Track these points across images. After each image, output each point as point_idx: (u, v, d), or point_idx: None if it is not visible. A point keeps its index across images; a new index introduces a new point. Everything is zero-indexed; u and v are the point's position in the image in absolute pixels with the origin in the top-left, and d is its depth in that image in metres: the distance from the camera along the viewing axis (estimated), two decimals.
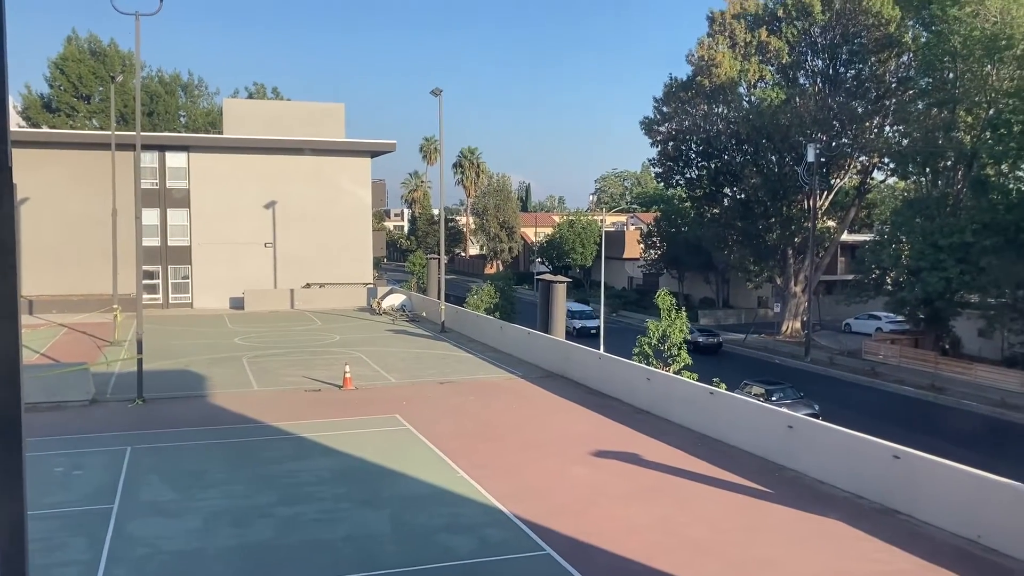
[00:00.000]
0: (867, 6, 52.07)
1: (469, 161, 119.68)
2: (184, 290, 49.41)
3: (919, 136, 47.52)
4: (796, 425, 18.05)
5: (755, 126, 55.32)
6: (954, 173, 47.14)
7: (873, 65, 54.35)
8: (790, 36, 55.74)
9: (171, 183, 48.79)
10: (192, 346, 34.61)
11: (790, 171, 56.09)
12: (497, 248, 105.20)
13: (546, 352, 30.25)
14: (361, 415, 22.64)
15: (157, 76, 72.27)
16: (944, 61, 45.21)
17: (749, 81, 57.44)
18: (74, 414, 22.57)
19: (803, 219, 56.73)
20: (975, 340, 48.24)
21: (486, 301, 49.42)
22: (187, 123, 72.25)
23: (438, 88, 39.71)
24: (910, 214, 47.33)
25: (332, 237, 50.96)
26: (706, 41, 59.58)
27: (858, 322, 59.18)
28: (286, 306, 48.54)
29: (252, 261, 49.61)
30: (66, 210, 45.95)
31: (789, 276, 59.39)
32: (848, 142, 56.32)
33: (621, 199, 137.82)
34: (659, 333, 31.02)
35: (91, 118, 67.69)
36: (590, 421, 22.36)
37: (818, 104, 55.32)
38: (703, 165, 63.76)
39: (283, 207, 49.92)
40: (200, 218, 49.11)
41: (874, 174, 60.15)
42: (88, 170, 45.80)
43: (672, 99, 61.98)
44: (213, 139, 52.22)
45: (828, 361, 48.90)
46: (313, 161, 50.90)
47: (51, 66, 67.85)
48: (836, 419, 19.99)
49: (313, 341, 36.56)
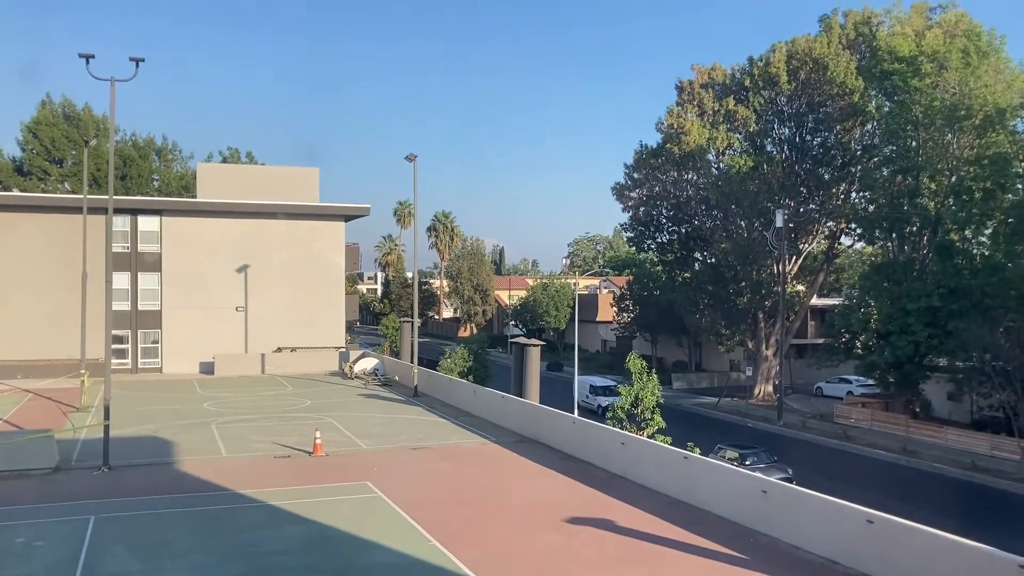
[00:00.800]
0: (831, 76, 53.57)
1: (443, 225, 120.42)
2: (154, 355, 48.79)
3: (884, 202, 48.58)
4: (770, 490, 18.00)
5: (724, 192, 56.27)
6: (920, 238, 48.07)
7: (838, 133, 55.71)
8: (757, 105, 57.09)
9: (143, 247, 48.51)
10: (160, 411, 34.05)
11: (759, 236, 56.93)
12: (471, 311, 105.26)
13: (520, 416, 30.07)
14: (332, 482, 22.30)
15: (131, 140, 72.40)
16: (907, 130, 46.49)
17: (718, 148, 58.57)
18: (37, 482, 22.03)
19: (773, 283, 57.41)
20: (945, 403, 48.70)
21: (459, 365, 49.20)
22: (160, 187, 72.19)
23: (413, 154, 40.09)
24: (878, 278, 48.10)
25: (305, 301, 50.74)
26: (675, 109, 60.86)
27: (829, 386, 59.57)
28: (257, 371, 48.02)
29: (223, 325, 49.17)
30: (35, 274, 45.48)
31: (760, 340, 59.82)
32: (815, 208, 57.42)
33: (594, 262, 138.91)
34: (631, 397, 30.98)
35: (63, 181, 67.50)
36: (564, 487, 22.17)
37: (785, 171, 56.49)
38: (674, 230, 64.64)
39: (256, 271, 49.72)
40: (171, 282, 48.75)
41: (842, 239, 61.25)
42: (59, 234, 45.50)
43: (642, 165, 63.05)
44: (186, 203, 52.13)
45: (801, 425, 49.03)
46: (287, 225, 50.92)
47: (24, 130, 67.84)
48: (810, 483, 19.98)
49: (283, 406, 36.11)
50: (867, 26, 55.50)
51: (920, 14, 52.68)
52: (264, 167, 65.27)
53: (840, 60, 53.61)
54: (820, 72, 54.13)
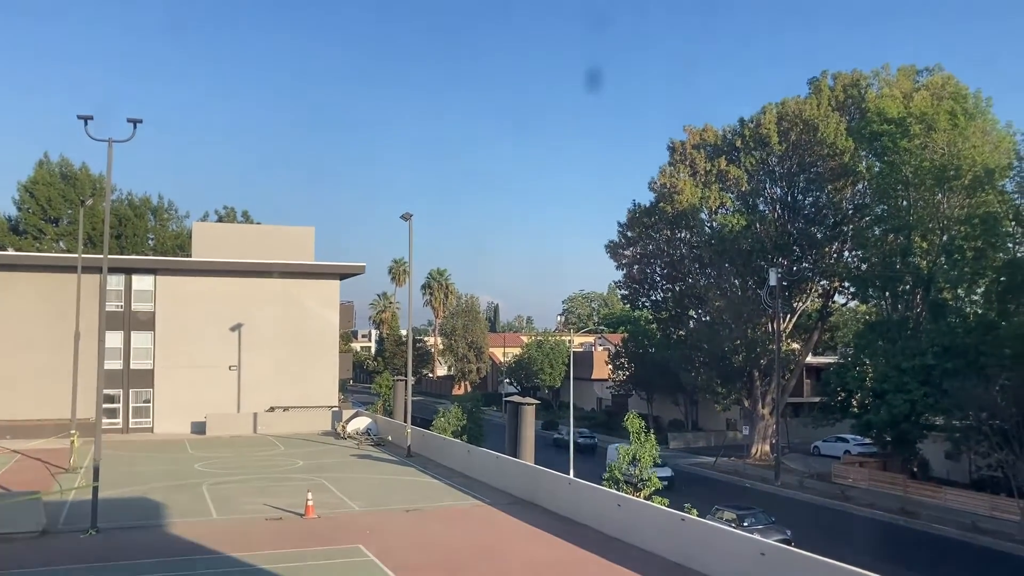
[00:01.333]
0: (821, 137, 54.33)
1: (438, 282, 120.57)
2: (145, 414, 48.38)
3: (877, 261, 48.89)
4: (769, 552, 17.74)
5: (717, 250, 56.60)
6: (913, 297, 48.25)
7: (830, 192, 56.29)
8: (749, 165, 57.75)
9: (137, 306, 48.44)
10: (151, 472, 33.61)
11: (753, 294, 57.13)
12: (465, 369, 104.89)
13: (515, 477, 29.73)
14: (323, 545, 21.92)
15: (127, 199, 72.75)
16: (897, 189, 47.01)
17: (710, 207, 59.06)
18: (23, 546, 21.60)
19: (768, 342, 57.41)
20: (943, 462, 48.36)
21: (453, 424, 48.83)
22: (155, 246, 72.37)
23: (408, 213, 40.34)
24: (872, 337, 48.14)
25: (298, 359, 50.53)
26: (668, 169, 61.53)
27: (826, 444, 59.18)
28: (249, 430, 47.57)
29: (216, 384, 48.86)
30: (27, 333, 45.27)
31: (756, 398, 59.61)
32: (809, 266, 57.76)
33: (588, 320, 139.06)
34: (629, 457, 30.73)
35: (58, 240, 67.68)
36: (560, 549, 21.82)
37: (778, 230, 56.91)
38: (668, 288, 64.86)
39: (249, 329, 49.60)
40: (165, 341, 48.57)
41: (835, 297, 61.46)
42: (52, 293, 45.36)
43: (636, 224, 63.50)
44: (181, 262, 52.24)
45: (798, 485, 48.57)
46: (281, 284, 50.96)
47: (20, 189, 68.24)
48: (808, 545, 19.72)
49: (275, 467, 35.70)
50: (856, 88, 56.48)
51: (907, 77, 53.70)
52: (259, 226, 65.55)
53: (830, 121, 54.42)
54: (810, 133, 54.90)
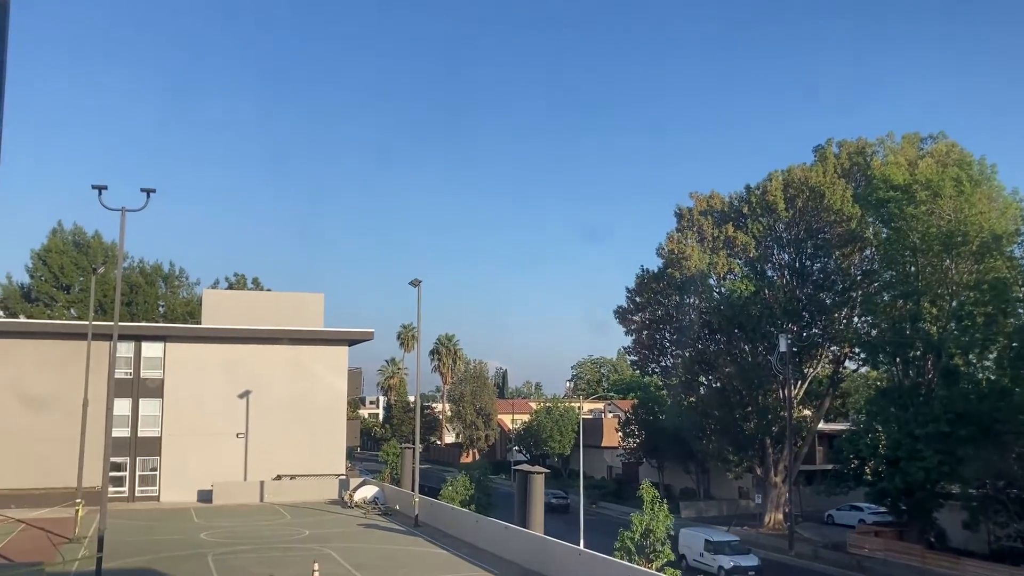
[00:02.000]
0: (828, 204, 54.60)
1: (446, 348, 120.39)
2: (151, 482, 48.03)
3: (887, 327, 48.64)
4: None
5: (727, 316, 56.46)
6: (924, 363, 47.86)
7: (838, 258, 56.35)
8: (756, 231, 57.96)
9: (146, 373, 48.49)
10: (156, 542, 33.23)
11: (763, 360, 56.81)
12: (473, 436, 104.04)
13: (524, 548, 29.29)
14: None
15: (139, 267, 73.33)
16: (905, 255, 47.01)
17: (718, 273, 59.09)
18: None
19: (779, 408, 56.88)
20: (961, 532, 47.37)
21: (461, 493, 48.24)
22: (166, 313, 72.67)
23: (417, 279, 40.56)
24: (884, 403, 47.64)
25: (306, 426, 50.31)
26: (675, 235, 61.77)
27: (840, 513, 58.15)
28: (255, 499, 47.11)
29: (223, 452, 48.60)
30: (35, 399, 45.20)
31: (769, 466, 58.82)
32: (818, 332, 57.52)
33: (598, 386, 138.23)
34: (642, 528, 30.24)
35: (69, 308, 68.04)
36: None
37: (787, 296, 56.85)
38: (677, 353, 64.48)
39: (258, 396, 49.50)
40: (173, 408, 48.48)
41: (846, 363, 61.02)
42: (61, 359, 45.47)
43: (644, 289, 63.53)
44: (190, 329, 52.43)
45: (813, 555, 47.62)
46: (290, 350, 51.01)
47: (34, 257, 68.89)
48: None
49: (282, 536, 35.25)
50: (861, 155, 56.96)
51: (912, 144, 54.18)
52: (269, 293, 65.94)
53: (836, 188, 54.74)
54: (817, 200, 55.19)
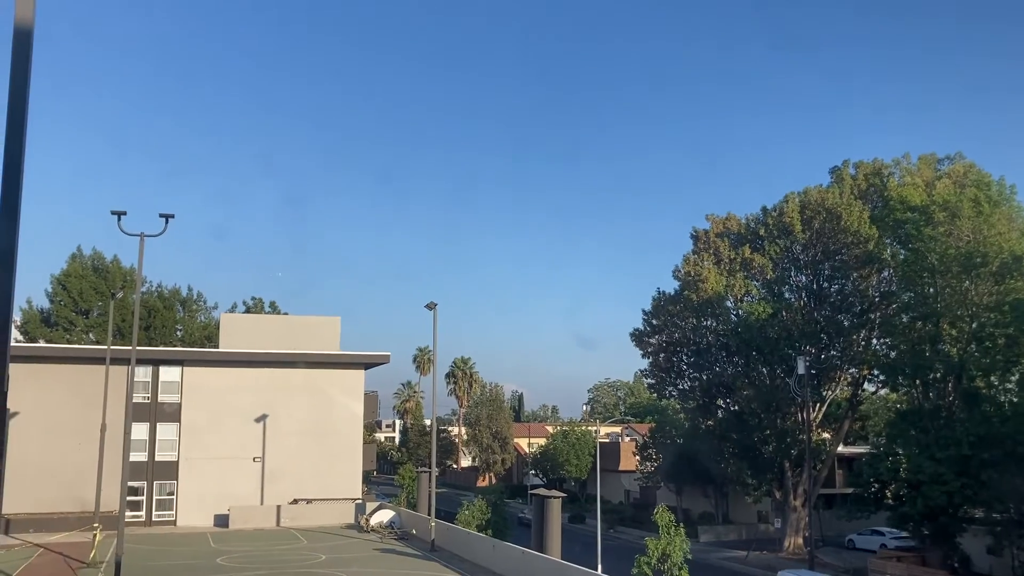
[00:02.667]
0: (845, 225, 54.37)
1: (462, 371, 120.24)
2: (168, 507, 48.07)
3: (906, 349, 48.22)
4: None
5: (744, 339, 56.17)
6: (944, 385, 47.38)
7: (856, 280, 56.04)
8: (773, 253, 57.78)
9: (163, 397, 48.67)
10: (173, 567, 33.19)
11: (782, 383, 56.42)
12: (490, 460, 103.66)
13: (541, 573, 29.05)
14: None
15: (156, 291, 73.85)
16: (923, 277, 46.64)
17: (736, 295, 58.90)
18: None
19: (798, 431, 56.40)
20: (985, 557, 46.67)
21: (478, 517, 48.00)
22: (183, 336, 73.04)
23: (433, 302, 40.56)
24: (904, 426, 47.15)
25: (322, 450, 50.29)
26: (692, 257, 61.68)
27: (861, 538, 57.43)
28: (272, 523, 47.04)
29: (240, 476, 48.63)
30: (53, 424, 45.44)
31: (788, 490, 58.26)
32: (837, 354, 57.11)
33: (615, 409, 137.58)
34: (658, 552, 29.99)
35: (88, 332, 68.49)
36: None
37: (805, 318, 56.53)
38: (695, 376, 64.13)
39: (274, 420, 49.59)
40: (190, 432, 48.60)
41: (865, 386, 60.51)
42: (80, 384, 45.70)
43: (661, 312, 63.33)
44: (208, 353, 52.67)
45: None
46: (307, 374, 51.12)
47: (54, 282, 69.45)
48: None
49: (298, 561, 35.14)
50: (877, 177, 56.78)
51: (928, 165, 54.01)
52: (286, 316, 66.23)
53: (853, 210, 54.53)
54: (834, 221, 54.98)
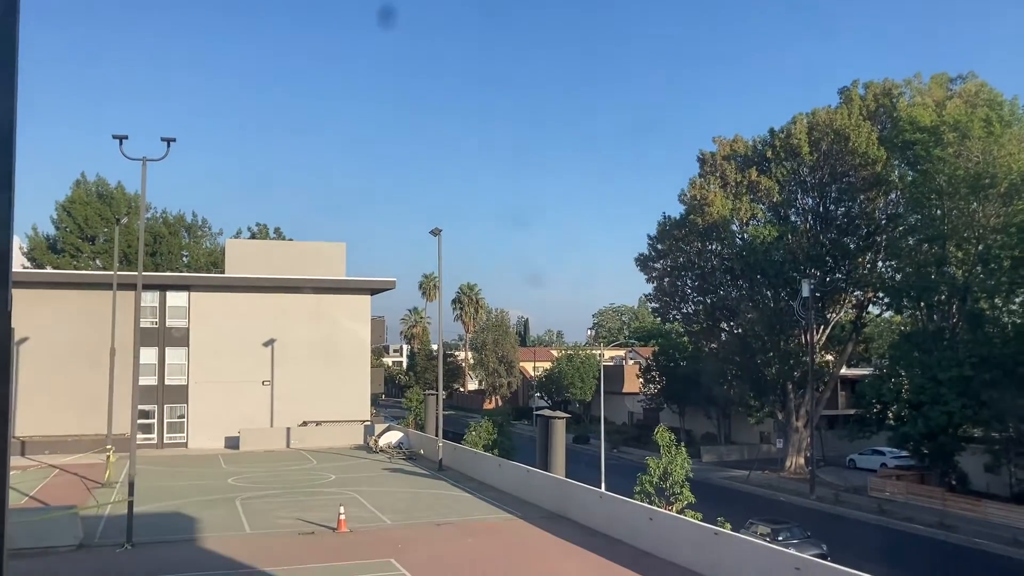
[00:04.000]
0: (853, 147, 53.81)
1: (468, 297, 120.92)
2: (179, 429, 48.87)
3: (911, 271, 48.25)
4: (804, 567, 17.50)
5: (749, 262, 56.18)
6: (949, 307, 47.53)
7: (863, 203, 55.72)
8: (780, 176, 57.33)
9: (171, 322, 49.03)
10: (185, 487, 33.90)
11: (786, 306, 56.60)
12: (496, 383, 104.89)
13: (546, 491, 29.63)
14: (355, 559, 21.97)
15: (161, 217, 73.76)
16: (931, 199, 46.37)
17: (741, 219, 58.70)
18: (60, 560, 21.89)
19: (801, 354, 56.81)
20: (982, 475, 47.45)
21: (484, 438, 48.79)
22: (189, 262, 73.28)
23: (438, 228, 40.46)
24: (908, 348, 47.46)
25: (330, 374, 50.82)
26: (698, 181, 61.26)
27: (862, 457, 58.38)
28: (282, 445, 47.86)
29: (249, 399, 49.28)
30: (64, 349, 45.93)
31: (790, 411, 58.96)
32: (842, 277, 57.14)
33: (619, 333, 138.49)
34: (660, 471, 30.52)
35: (95, 258, 68.70)
36: (591, 564, 21.69)
37: (810, 241, 56.40)
38: (699, 300, 64.39)
39: (282, 345, 50.01)
40: (199, 356, 49.09)
41: (869, 308, 60.71)
42: (88, 310, 46.04)
43: (666, 237, 63.23)
44: (214, 278, 52.84)
45: (834, 499, 47.92)
46: (313, 299, 51.34)
47: (59, 208, 69.38)
48: (845, 559, 19.44)
49: (308, 481, 35.86)
50: (887, 97, 55.94)
51: (940, 85, 53.10)
52: (291, 242, 66.22)
53: (861, 131, 53.90)
54: (842, 143, 54.42)
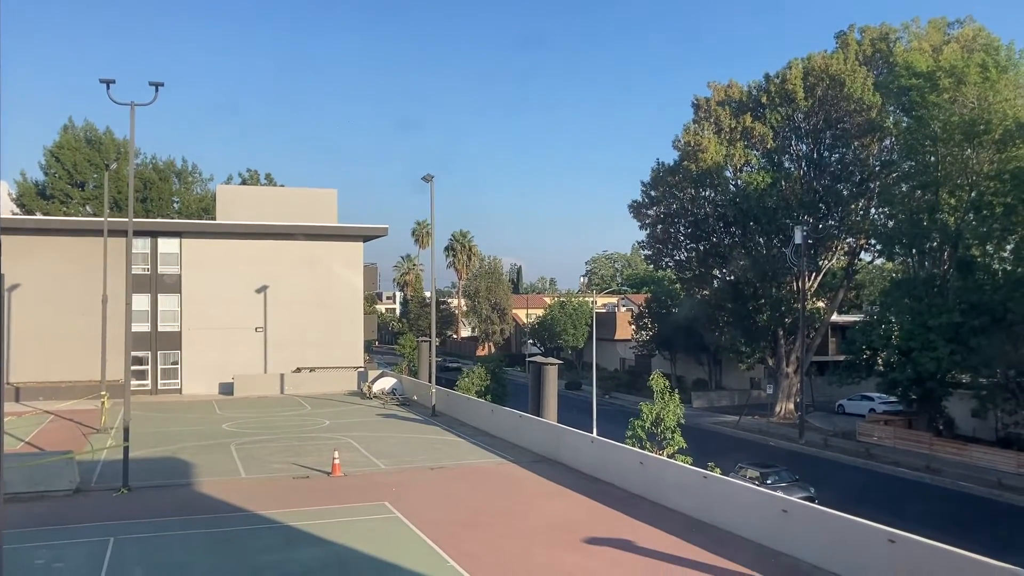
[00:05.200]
0: (848, 92, 53.42)
1: (461, 244, 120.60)
2: (173, 376, 49.08)
3: (904, 218, 48.24)
4: (791, 509, 17.82)
5: (742, 209, 56.12)
6: (940, 254, 47.67)
7: (857, 149, 55.48)
8: (774, 122, 56.97)
9: (163, 268, 48.92)
10: (180, 433, 34.18)
11: (778, 253, 56.69)
12: (489, 330, 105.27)
13: (538, 436, 29.97)
14: (350, 502, 22.27)
15: (151, 163, 73.09)
16: (925, 145, 46.17)
17: (735, 165, 58.46)
18: (57, 504, 22.13)
19: (793, 300, 57.07)
20: (969, 420, 48.11)
21: (477, 384, 49.17)
22: (180, 209, 72.80)
23: (429, 174, 40.26)
24: (898, 295, 47.70)
25: (323, 321, 50.93)
26: (692, 127, 60.83)
27: (851, 403, 59.03)
28: (276, 391, 48.16)
29: (242, 346, 49.43)
30: (56, 296, 45.86)
31: (781, 357, 59.43)
32: (834, 224, 57.14)
33: (612, 280, 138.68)
34: (652, 416, 30.84)
35: (85, 205, 68.21)
36: (583, 507, 22.04)
37: (804, 187, 56.29)
38: (692, 247, 64.41)
39: (275, 291, 50.02)
40: (191, 303, 49.08)
41: (861, 255, 60.90)
42: (80, 256, 45.84)
43: (659, 183, 62.97)
44: (205, 225, 52.59)
45: (822, 443, 48.57)
46: (305, 246, 51.22)
47: (47, 154, 68.62)
48: (832, 502, 19.78)
49: (302, 426, 36.18)
50: (884, 42, 55.38)
51: (938, 29, 52.55)
52: (283, 188, 65.81)
53: (857, 76, 53.48)
54: (837, 88, 54.00)
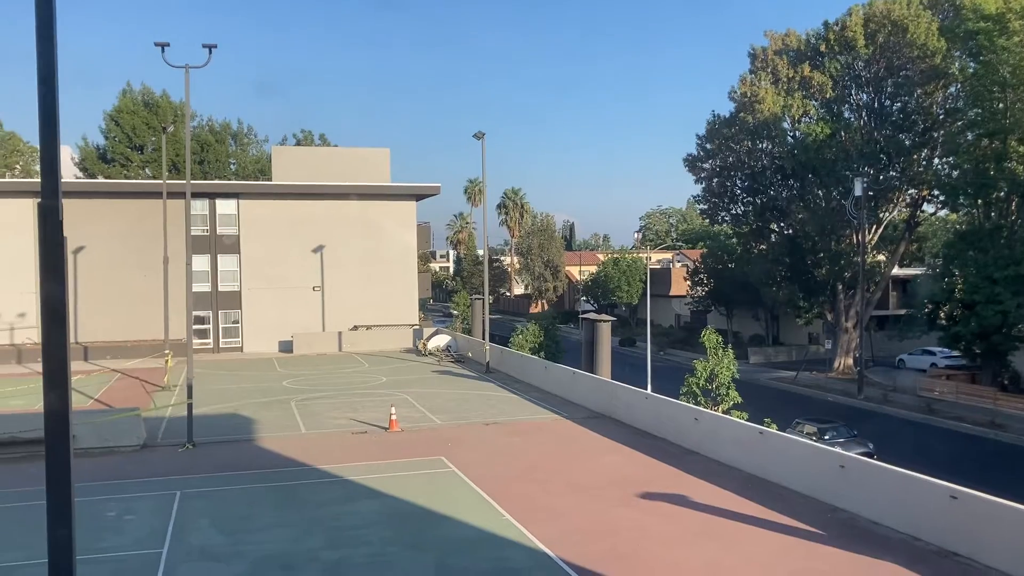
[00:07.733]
0: (911, 39, 51.60)
1: (513, 202, 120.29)
2: (234, 334, 50.14)
3: (969, 167, 46.73)
4: (849, 465, 17.63)
5: (800, 161, 54.92)
6: (1007, 204, 46.17)
7: (919, 97, 53.72)
8: (833, 71, 55.39)
9: (221, 229, 49.77)
10: (241, 390, 35.01)
11: (838, 205, 55.47)
12: (542, 287, 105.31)
13: (591, 392, 30.03)
14: (407, 457, 22.64)
15: (207, 125, 74.07)
16: (993, 91, 44.49)
17: (793, 116, 57.09)
18: (125, 459, 22.91)
19: (852, 254, 55.89)
20: None
21: (531, 341, 49.31)
22: (237, 170, 73.81)
23: (481, 132, 40.18)
24: (962, 247, 46.43)
25: (379, 279, 51.44)
26: (748, 77, 59.52)
27: (912, 358, 57.87)
28: (334, 348, 48.96)
29: (300, 305, 50.24)
30: (120, 258, 47.02)
31: (840, 312, 58.42)
32: (896, 175, 55.61)
33: (666, 236, 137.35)
34: (707, 372, 30.66)
35: (144, 167, 69.51)
36: (637, 462, 22.09)
37: (864, 138, 54.78)
38: (748, 201, 63.33)
39: (330, 251, 50.60)
40: (250, 263, 49.94)
41: (924, 207, 59.18)
42: (141, 218, 46.91)
43: (715, 135, 61.85)
44: (262, 186, 53.31)
45: (882, 398, 47.83)
46: (359, 206, 51.60)
47: (106, 118, 69.96)
48: (891, 458, 19.50)
49: (360, 383, 36.77)
50: None
51: None
52: (336, 148, 66.25)
53: (921, 21, 51.57)
54: (899, 35, 52.17)
